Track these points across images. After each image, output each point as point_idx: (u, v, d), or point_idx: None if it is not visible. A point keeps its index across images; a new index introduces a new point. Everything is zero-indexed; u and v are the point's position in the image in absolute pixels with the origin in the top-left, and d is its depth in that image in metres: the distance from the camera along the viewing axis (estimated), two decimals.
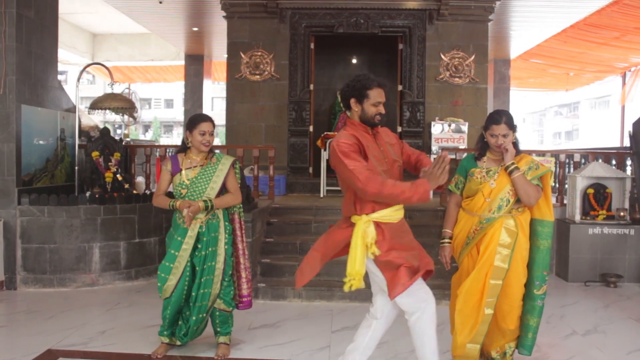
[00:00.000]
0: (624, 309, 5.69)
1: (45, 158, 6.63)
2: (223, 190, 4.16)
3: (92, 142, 6.92)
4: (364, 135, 3.27)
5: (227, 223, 4.17)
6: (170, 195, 4.14)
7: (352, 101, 3.30)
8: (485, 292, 3.57)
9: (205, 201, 3.98)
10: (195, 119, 4.08)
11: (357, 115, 3.32)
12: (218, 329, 4.26)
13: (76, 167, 7.04)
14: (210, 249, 4.08)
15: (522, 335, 3.71)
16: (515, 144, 3.67)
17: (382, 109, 3.29)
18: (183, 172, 4.05)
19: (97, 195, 6.41)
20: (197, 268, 4.08)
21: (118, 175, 6.77)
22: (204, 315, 4.18)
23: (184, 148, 4.15)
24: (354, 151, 3.13)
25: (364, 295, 5.54)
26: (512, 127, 3.60)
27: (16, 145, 6.15)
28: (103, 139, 6.92)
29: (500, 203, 3.60)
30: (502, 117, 3.60)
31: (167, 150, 10.00)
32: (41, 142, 6.55)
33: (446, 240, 3.83)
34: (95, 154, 6.73)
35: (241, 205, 4.30)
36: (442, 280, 5.92)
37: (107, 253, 6.38)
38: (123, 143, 7.37)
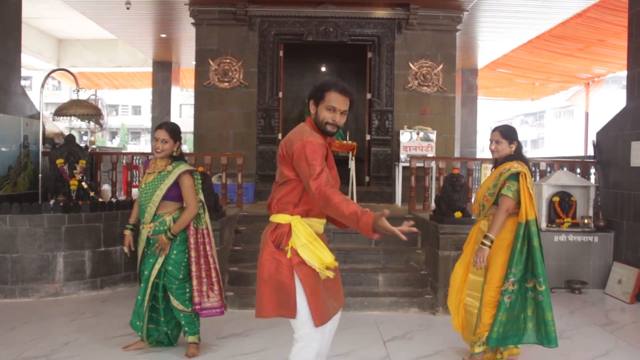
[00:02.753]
0: (588, 315, 5.79)
1: (8, 165, 6.49)
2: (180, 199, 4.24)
3: (57, 149, 6.80)
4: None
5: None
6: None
7: (311, 103, 2.98)
8: (465, 284, 4.29)
9: (165, 233, 4.11)
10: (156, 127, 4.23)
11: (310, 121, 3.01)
12: (186, 329, 4.34)
13: (40, 175, 6.90)
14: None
15: (491, 328, 4.01)
16: (515, 151, 4.15)
17: (337, 118, 2.92)
18: (144, 176, 4.21)
19: (61, 204, 6.26)
20: (145, 272, 4.21)
21: (83, 183, 6.66)
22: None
23: None
24: (322, 155, 2.82)
25: None
26: (506, 137, 4.12)
27: None
28: (68, 146, 6.80)
29: (480, 208, 4.14)
30: (498, 126, 4.23)
31: (134, 158, 9.87)
32: (3, 149, 6.40)
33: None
34: (59, 161, 6.61)
35: (199, 214, 4.26)
36: (411, 288, 5.95)
37: (72, 262, 6.24)
38: (89, 150, 7.25)
